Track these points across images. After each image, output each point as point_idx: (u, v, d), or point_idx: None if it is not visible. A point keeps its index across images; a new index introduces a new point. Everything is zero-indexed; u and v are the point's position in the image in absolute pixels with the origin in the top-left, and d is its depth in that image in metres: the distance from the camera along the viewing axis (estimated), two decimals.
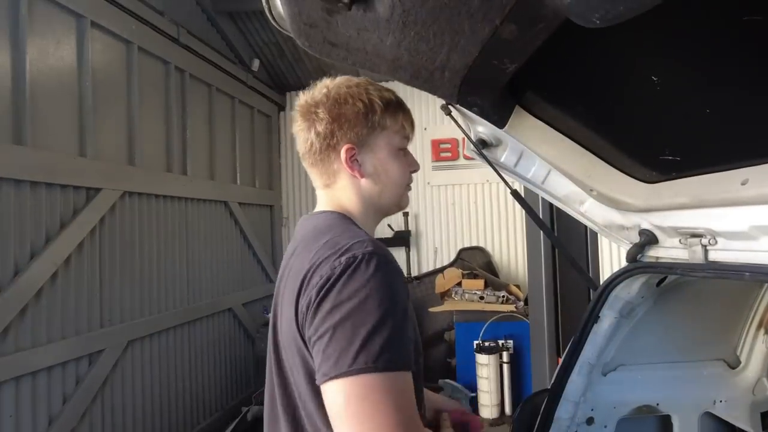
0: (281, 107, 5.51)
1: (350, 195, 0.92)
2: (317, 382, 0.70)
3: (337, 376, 0.66)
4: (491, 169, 1.25)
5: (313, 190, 1.00)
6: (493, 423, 3.85)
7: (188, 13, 3.97)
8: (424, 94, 0.99)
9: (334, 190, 0.93)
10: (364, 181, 0.92)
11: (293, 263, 0.84)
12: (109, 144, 2.94)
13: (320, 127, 0.89)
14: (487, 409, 3.89)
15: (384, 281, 0.71)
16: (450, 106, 1.16)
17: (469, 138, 1.22)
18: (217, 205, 4.17)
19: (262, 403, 3.45)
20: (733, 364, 1.45)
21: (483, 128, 1.19)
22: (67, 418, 2.51)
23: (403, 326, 0.70)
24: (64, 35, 2.65)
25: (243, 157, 4.63)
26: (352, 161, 0.90)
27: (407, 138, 0.97)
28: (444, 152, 5.10)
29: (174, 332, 3.49)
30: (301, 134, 0.93)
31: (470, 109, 1.06)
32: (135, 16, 3.12)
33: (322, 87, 0.92)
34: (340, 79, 0.94)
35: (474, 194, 5.14)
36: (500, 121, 1.08)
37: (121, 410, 2.94)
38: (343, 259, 0.72)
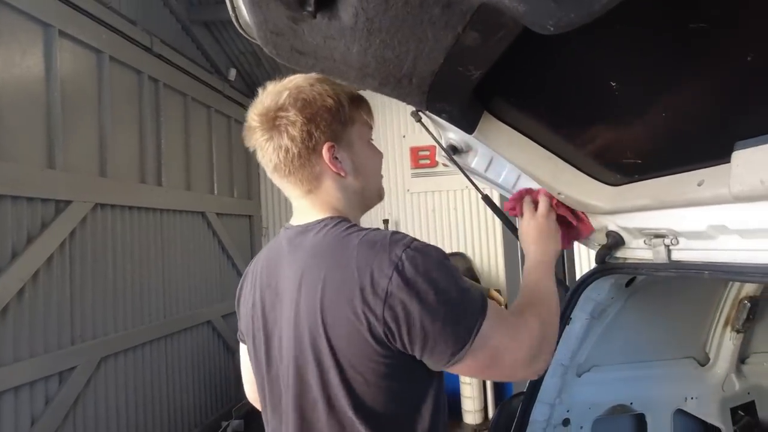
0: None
1: (337, 195, 0.89)
2: (436, 368, 0.76)
3: (458, 359, 0.73)
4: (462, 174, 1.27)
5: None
6: (477, 429, 3.85)
7: (162, 22, 3.92)
8: (402, 103, 1.00)
9: (318, 194, 0.89)
10: (348, 179, 0.89)
11: (324, 275, 0.77)
12: (80, 155, 2.86)
13: (294, 131, 0.84)
14: (471, 415, 3.89)
15: (434, 255, 0.76)
16: (420, 113, 1.18)
17: (439, 144, 1.23)
18: (194, 216, 4.10)
19: (242, 417, 3.39)
20: (703, 362, 1.49)
21: (453, 134, 1.21)
22: None
23: (466, 282, 0.78)
24: (31, 45, 2.58)
25: (220, 167, 4.57)
26: (334, 159, 0.86)
27: (371, 128, 0.97)
28: (423, 159, 5.13)
29: (150, 347, 3.39)
30: (269, 144, 0.86)
31: (439, 116, 1.07)
32: (106, 25, 3.07)
33: (281, 90, 0.86)
34: (296, 80, 0.89)
35: (454, 200, 5.18)
36: (469, 127, 1.09)
37: (94, 430, 2.83)
38: (393, 254, 0.73)
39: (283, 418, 0.85)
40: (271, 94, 0.87)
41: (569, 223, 1.12)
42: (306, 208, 0.90)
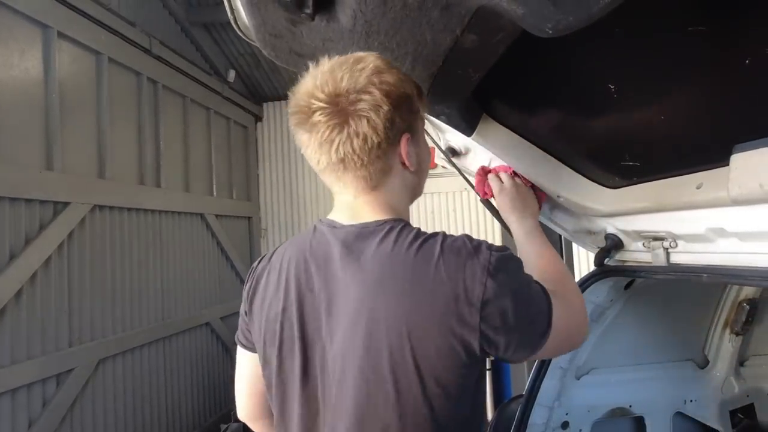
0: (258, 118, 5.48)
1: (399, 192, 0.80)
2: (520, 360, 0.76)
3: (544, 342, 0.73)
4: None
5: (292, 201, 0.92)
6: None
7: (161, 23, 3.92)
8: None
9: (382, 192, 0.78)
10: (412, 174, 0.81)
11: (400, 287, 0.70)
12: (78, 157, 2.86)
13: (378, 118, 0.71)
14: None
15: (509, 253, 0.74)
16: None
17: (438, 146, 1.23)
18: (193, 218, 4.10)
19: (240, 420, 3.34)
20: (702, 364, 1.49)
21: (452, 136, 1.21)
22: None
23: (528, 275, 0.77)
24: (29, 46, 2.58)
25: (219, 169, 4.57)
26: (409, 153, 0.77)
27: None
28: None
29: (148, 349, 3.39)
30: (339, 133, 0.72)
31: (438, 118, 1.07)
32: (104, 26, 3.07)
33: (353, 68, 0.73)
34: (370, 58, 0.76)
35: (452, 202, 5.18)
36: (468, 130, 1.09)
37: None
38: (483, 259, 0.69)
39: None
40: (343, 72, 0.73)
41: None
42: (360, 206, 0.79)
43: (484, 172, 1.16)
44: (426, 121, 1.18)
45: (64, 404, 2.61)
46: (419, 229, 0.75)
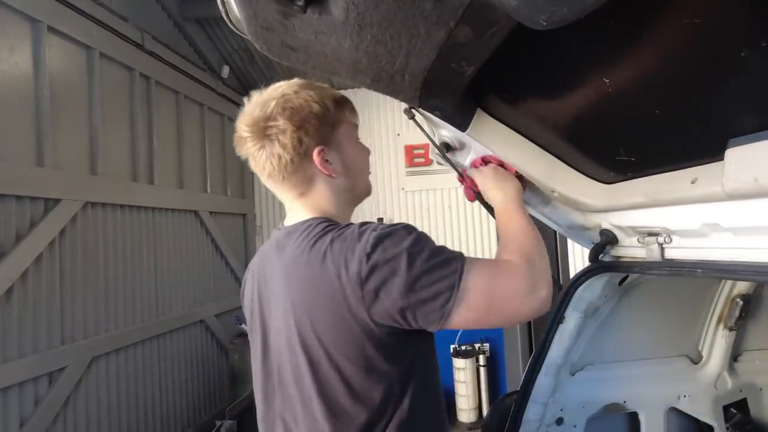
0: None
1: (328, 196, 0.94)
2: (434, 328, 0.79)
3: (450, 310, 0.76)
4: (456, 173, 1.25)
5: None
6: (471, 427, 3.85)
7: (154, 18, 3.88)
8: (396, 101, 1.00)
9: (309, 197, 0.94)
10: (339, 179, 0.93)
11: (301, 275, 0.84)
12: (70, 153, 2.82)
13: (285, 139, 0.88)
14: (465, 413, 3.90)
15: (401, 230, 0.80)
16: (413, 110, 1.16)
17: (432, 142, 1.22)
18: (187, 215, 4.07)
19: (235, 418, 3.33)
20: (696, 360, 1.49)
21: (446, 132, 1.20)
22: None
23: (437, 245, 0.82)
24: (19, 40, 2.54)
25: (213, 165, 4.54)
26: (325, 162, 0.91)
27: (357, 127, 1.01)
28: (417, 158, 5.12)
29: (142, 347, 3.36)
30: (261, 152, 0.90)
31: (432, 113, 1.06)
32: (96, 21, 3.03)
33: (268, 100, 0.90)
34: (281, 88, 0.93)
35: (448, 199, 5.18)
36: (462, 124, 1.08)
37: (85, 431, 2.80)
38: (363, 241, 0.78)
39: (275, 406, 0.91)
40: (258, 104, 0.91)
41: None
42: (297, 210, 0.95)
43: (463, 175, 1.19)
44: (421, 116, 1.18)
45: (57, 403, 2.59)
46: (337, 224, 0.87)
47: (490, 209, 1.13)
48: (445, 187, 5.13)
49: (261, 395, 0.95)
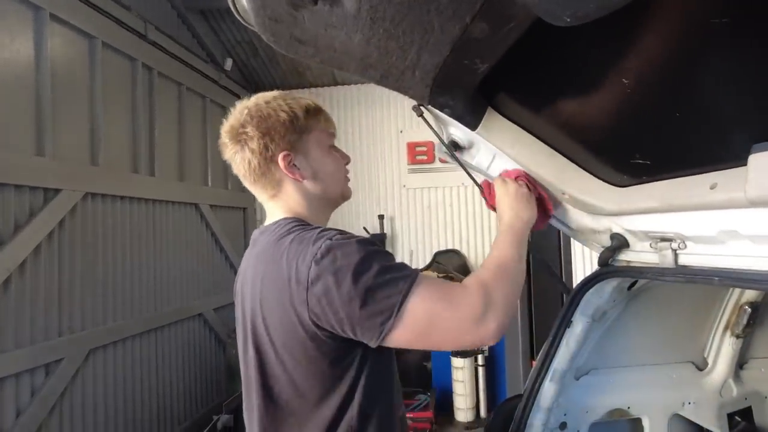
0: None
1: (297, 198, 0.99)
2: (373, 344, 0.81)
3: (389, 329, 0.78)
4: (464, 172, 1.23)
5: None
6: (469, 426, 3.84)
7: (157, 9, 3.83)
8: (399, 97, 0.99)
9: (281, 198, 1.00)
10: (306, 183, 0.99)
11: (263, 269, 0.90)
12: (70, 143, 2.79)
13: (253, 144, 0.95)
14: (463, 413, 3.89)
15: (354, 244, 0.83)
16: (422, 107, 1.14)
17: (441, 140, 1.19)
18: (187, 208, 4.04)
19: (232, 412, 3.34)
20: (701, 366, 1.47)
21: (455, 130, 1.17)
22: None
23: (389, 257, 0.85)
24: (20, 28, 2.50)
25: (215, 159, 4.50)
26: (291, 166, 0.97)
27: (333, 135, 1.05)
28: (420, 155, 5.09)
29: (140, 339, 3.35)
30: (236, 156, 0.98)
31: (442, 111, 1.04)
32: (99, 10, 2.99)
33: (243, 109, 0.98)
34: (256, 98, 1.00)
35: (450, 197, 5.15)
36: (472, 123, 1.06)
37: (81, 423, 2.79)
38: (315, 247, 0.82)
39: (248, 395, 0.98)
40: (235, 113, 0.99)
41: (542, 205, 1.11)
42: (272, 210, 1.02)
43: (480, 185, 1.17)
44: (429, 113, 1.15)
45: (54, 394, 2.57)
46: (304, 225, 0.92)
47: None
48: (446, 185, 5.10)
49: (244, 382, 1.01)
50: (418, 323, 0.79)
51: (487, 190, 1.16)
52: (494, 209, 1.14)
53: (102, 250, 3.02)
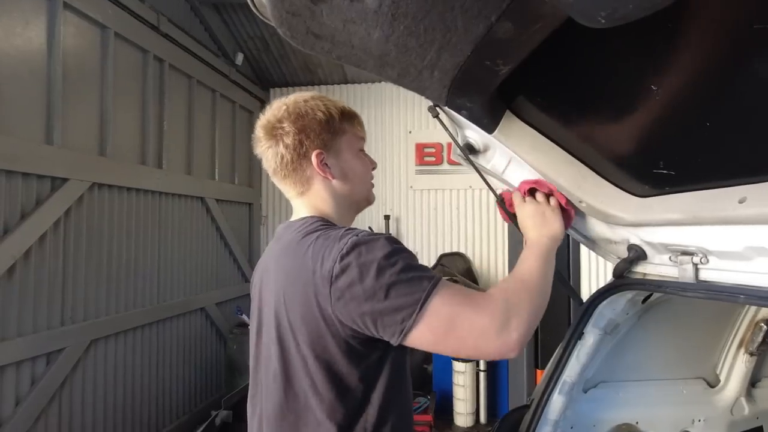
0: (264, 103, 5.37)
1: (325, 197, 1.01)
2: (394, 341, 0.79)
3: (410, 326, 0.77)
4: (476, 175, 1.20)
5: None
6: (468, 431, 3.81)
7: (170, 1, 3.83)
8: (409, 97, 0.97)
9: (309, 196, 1.01)
10: (335, 182, 1.00)
11: (288, 264, 0.91)
12: (79, 132, 2.79)
13: (288, 140, 0.97)
14: (462, 417, 3.86)
15: (381, 241, 0.83)
16: (438, 108, 1.11)
17: (456, 142, 1.17)
18: (194, 201, 4.04)
19: (231, 408, 3.30)
20: (713, 383, 1.44)
21: (471, 133, 1.14)
22: (20, 420, 2.36)
23: (413, 257, 0.85)
24: (34, 15, 2.50)
25: (222, 153, 4.50)
26: (323, 165, 0.98)
27: (363, 140, 1.07)
28: (428, 156, 5.06)
29: (141, 331, 3.34)
30: (269, 151, 1.00)
31: (459, 112, 1.01)
32: (112, 0, 2.99)
33: (281, 105, 1.00)
34: (294, 96, 1.02)
35: (457, 200, 5.12)
36: (490, 126, 1.03)
37: (81, 413, 2.78)
38: (342, 243, 0.82)
39: (259, 388, 0.98)
40: (272, 109, 1.01)
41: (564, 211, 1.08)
42: (299, 207, 1.03)
43: (500, 196, 1.16)
44: (445, 114, 1.12)
45: (54, 383, 2.57)
46: (330, 224, 0.94)
47: (516, 220, 1.10)
48: (454, 187, 5.07)
49: (252, 374, 1.02)
50: (440, 323, 0.78)
51: (508, 202, 1.13)
52: (510, 222, 1.11)
53: (107, 241, 3.01)
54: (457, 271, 4.80)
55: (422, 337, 0.79)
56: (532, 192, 1.09)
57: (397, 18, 0.77)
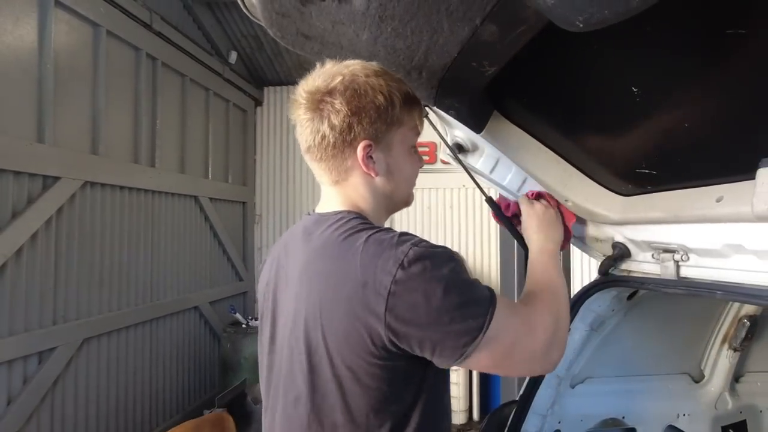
0: (258, 102, 5.38)
1: (363, 193, 0.87)
2: (447, 365, 0.74)
3: (471, 352, 0.71)
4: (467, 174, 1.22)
5: (289, 188, 0.96)
6: (461, 429, 3.84)
7: None
8: None
9: (345, 187, 0.87)
10: (378, 180, 0.86)
11: (327, 267, 0.78)
12: (71, 131, 2.78)
13: (336, 120, 0.81)
14: (456, 415, 3.89)
15: (444, 255, 0.74)
16: (427, 108, 1.13)
17: (445, 142, 1.18)
18: (187, 200, 4.03)
19: (224, 406, 3.28)
20: (697, 378, 1.47)
21: (460, 132, 1.16)
22: (12, 419, 2.35)
23: (467, 272, 0.77)
24: (25, 13, 2.48)
25: (216, 152, 4.49)
26: (368, 158, 0.84)
27: (419, 134, 0.93)
28: (422, 155, 5.07)
29: (135, 330, 3.33)
30: (309, 125, 0.83)
31: (447, 112, 1.03)
32: None
33: (335, 73, 0.82)
34: (354, 65, 0.84)
35: (450, 199, 5.14)
36: (478, 126, 1.05)
37: (73, 412, 2.78)
38: (400, 252, 0.72)
39: (275, 397, 0.86)
40: (324, 74, 0.83)
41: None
42: (331, 197, 0.89)
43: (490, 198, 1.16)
44: (435, 114, 1.14)
45: (46, 383, 2.56)
46: (370, 224, 0.81)
47: (518, 237, 1.09)
48: (447, 186, 5.09)
49: (264, 385, 0.91)
50: (501, 349, 0.74)
51: (504, 208, 1.13)
52: (502, 224, 1.12)
53: (100, 240, 3.00)
54: None
55: (480, 361, 0.74)
56: (537, 198, 1.10)
57: (384, 20, 0.79)
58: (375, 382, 0.74)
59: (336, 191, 0.88)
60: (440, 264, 0.72)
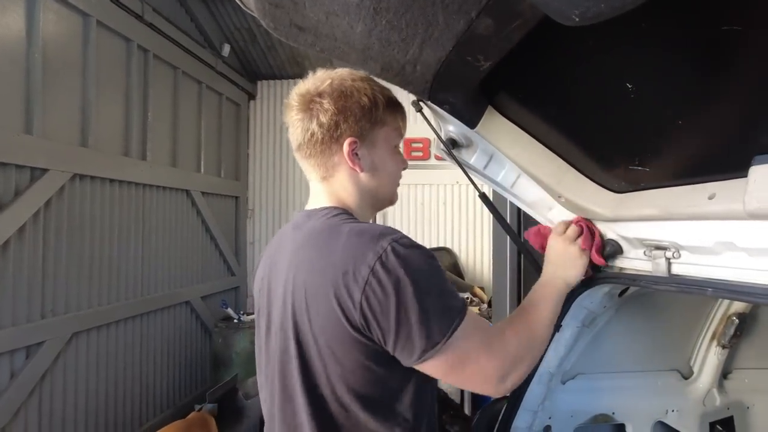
0: (252, 96, 5.34)
1: (349, 188, 0.93)
2: (411, 362, 0.76)
3: (429, 356, 0.75)
4: (460, 170, 1.22)
5: (282, 183, 0.99)
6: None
7: None
8: (397, 92, 0.96)
9: (332, 183, 0.93)
10: (363, 175, 0.93)
11: (311, 256, 0.83)
12: (60, 122, 2.74)
13: (324, 118, 0.89)
14: None
15: (422, 256, 0.78)
16: (421, 103, 1.12)
17: (438, 137, 1.18)
18: (179, 194, 3.99)
19: (215, 401, 3.26)
20: (686, 375, 1.48)
21: (454, 128, 1.16)
22: None
23: (445, 276, 0.81)
24: (12, 1, 2.44)
25: (208, 146, 4.45)
26: (354, 155, 0.90)
27: (402, 136, 1.00)
28: (415, 151, 5.07)
29: (125, 325, 3.31)
30: (299, 124, 0.91)
31: (441, 107, 1.02)
32: None
33: (325, 78, 0.91)
34: (342, 71, 0.93)
35: (443, 195, 5.15)
36: (472, 121, 1.04)
37: (62, 407, 2.75)
38: (379, 246, 0.76)
39: (271, 387, 0.90)
40: (315, 79, 0.92)
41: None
42: (319, 193, 0.95)
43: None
44: (429, 109, 1.13)
45: (34, 377, 2.53)
46: (355, 219, 0.88)
47: (532, 259, 1.11)
48: (441, 182, 5.09)
49: (262, 379, 0.95)
50: (456, 360, 0.77)
51: (535, 234, 1.14)
52: (518, 245, 1.12)
53: (89, 233, 2.97)
54: (443, 266, 4.83)
55: (435, 367, 0.77)
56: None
57: (379, 12, 0.78)
58: (358, 363, 0.78)
59: (323, 187, 0.94)
60: (418, 263, 0.76)
